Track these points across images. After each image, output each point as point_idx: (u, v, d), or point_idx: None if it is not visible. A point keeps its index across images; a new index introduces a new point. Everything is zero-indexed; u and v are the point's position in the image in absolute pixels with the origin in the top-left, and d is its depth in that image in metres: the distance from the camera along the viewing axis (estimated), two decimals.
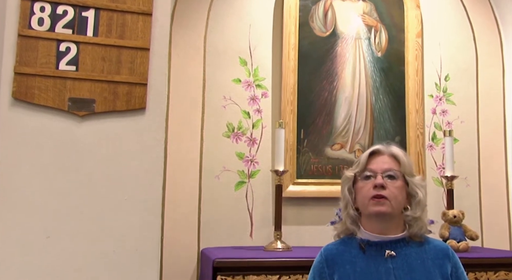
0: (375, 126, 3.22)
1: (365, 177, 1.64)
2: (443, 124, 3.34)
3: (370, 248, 1.62)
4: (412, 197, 1.65)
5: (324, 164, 3.12)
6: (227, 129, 3.04)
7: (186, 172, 2.93)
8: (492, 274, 2.55)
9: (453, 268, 1.61)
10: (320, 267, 1.64)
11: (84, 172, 2.10)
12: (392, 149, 1.68)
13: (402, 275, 1.56)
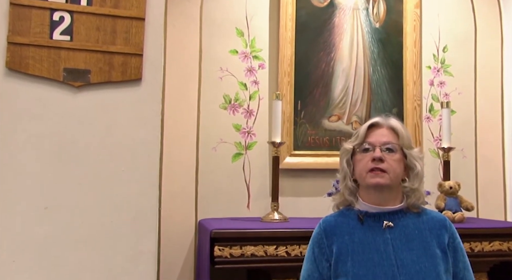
0: (372, 97, 3.21)
1: (363, 150, 1.64)
2: (441, 95, 3.33)
3: (368, 219, 1.63)
4: (410, 169, 1.65)
5: (321, 135, 3.12)
6: (224, 100, 3.02)
7: (183, 144, 2.92)
8: (487, 244, 2.58)
9: (450, 238, 1.63)
10: (319, 238, 1.65)
11: (81, 143, 2.09)
12: (391, 121, 1.68)
13: (400, 245, 1.58)
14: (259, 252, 2.38)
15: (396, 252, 1.57)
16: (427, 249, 1.58)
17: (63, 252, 2.05)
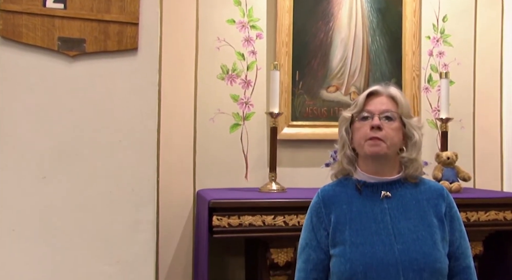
0: (371, 68, 3.18)
1: (362, 118, 1.63)
2: (440, 66, 3.31)
3: (366, 189, 1.63)
4: (409, 139, 1.64)
5: (319, 106, 3.11)
6: (222, 71, 3.00)
7: (181, 115, 2.91)
8: (483, 213, 2.61)
9: (447, 207, 1.63)
10: (317, 207, 1.65)
11: (77, 113, 2.08)
12: (390, 90, 1.66)
13: (397, 215, 1.58)
14: (257, 222, 2.39)
15: (393, 221, 1.57)
16: (424, 218, 1.58)
17: (62, 221, 2.06)
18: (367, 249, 1.53)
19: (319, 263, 1.60)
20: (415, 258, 1.51)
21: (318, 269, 1.60)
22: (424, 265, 1.51)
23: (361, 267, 1.51)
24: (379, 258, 1.51)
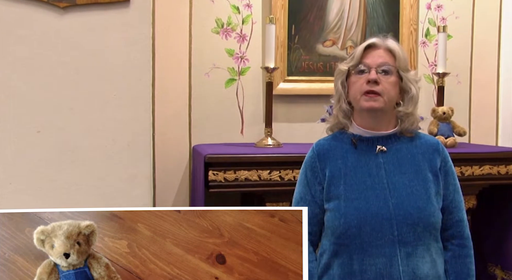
0: (368, 22, 3.13)
1: (359, 71, 1.60)
2: (437, 19, 3.25)
3: (361, 143, 1.63)
4: (405, 93, 1.63)
5: (315, 61, 3.07)
6: (216, 24, 2.94)
7: (175, 69, 2.87)
8: (477, 168, 2.62)
9: (442, 162, 1.63)
10: (312, 161, 1.65)
11: (70, 67, 2.05)
12: (388, 42, 1.63)
13: (392, 169, 1.59)
14: (253, 176, 2.41)
15: (388, 175, 1.58)
16: (419, 173, 1.59)
17: (58, 175, 2.07)
18: (361, 204, 1.54)
19: (313, 217, 1.62)
20: (409, 213, 1.53)
21: (312, 223, 1.61)
22: (418, 220, 1.53)
23: (356, 222, 1.53)
24: (373, 212, 1.53)
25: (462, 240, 1.63)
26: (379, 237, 1.52)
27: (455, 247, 1.62)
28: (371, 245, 1.52)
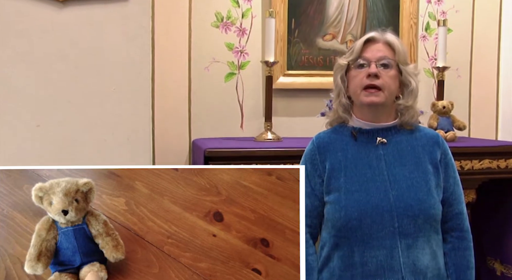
0: (368, 15, 3.12)
1: (358, 65, 1.61)
2: (438, 13, 3.24)
3: (361, 135, 1.63)
4: (405, 86, 1.63)
5: (315, 55, 3.07)
6: (216, 18, 2.94)
7: (175, 63, 2.87)
8: (477, 162, 2.62)
9: (442, 154, 1.64)
10: (312, 154, 1.66)
11: (69, 61, 2.05)
12: (387, 36, 1.63)
13: (393, 161, 1.59)
14: None
15: (388, 167, 1.58)
16: (419, 165, 1.59)
17: None
18: (362, 196, 1.55)
19: (313, 209, 1.62)
20: (409, 205, 1.53)
21: (312, 216, 1.62)
22: (418, 211, 1.53)
23: (356, 214, 1.53)
24: (374, 204, 1.53)
25: (461, 233, 1.63)
26: (379, 229, 1.52)
27: (455, 239, 1.62)
28: (372, 237, 1.52)
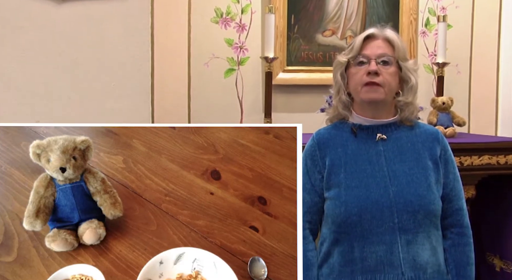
0: (367, 11, 3.12)
1: (358, 62, 1.60)
2: (438, 9, 3.24)
3: (361, 131, 1.63)
4: (405, 82, 1.63)
5: (315, 51, 3.07)
6: (215, 14, 2.93)
7: (174, 59, 2.87)
8: (476, 158, 2.62)
9: (442, 150, 1.64)
10: (312, 150, 1.65)
11: (68, 57, 2.05)
12: (386, 32, 1.63)
13: (392, 157, 1.59)
14: None
15: (388, 163, 1.58)
16: (419, 161, 1.59)
17: None
18: (362, 192, 1.55)
19: (313, 205, 1.62)
20: (409, 200, 1.53)
21: (312, 212, 1.62)
22: (418, 207, 1.53)
23: (356, 210, 1.53)
24: (374, 200, 1.53)
25: (461, 229, 1.63)
26: (379, 225, 1.52)
27: (455, 235, 1.62)
28: (372, 233, 1.52)
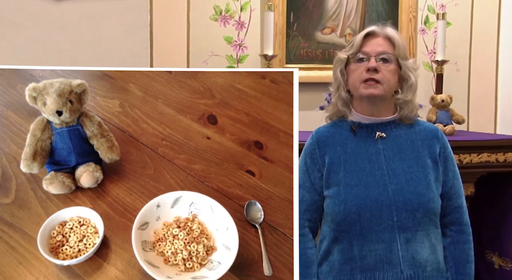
0: (366, 9, 3.12)
1: (358, 59, 1.61)
2: (437, 7, 3.24)
3: (361, 130, 1.63)
4: (404, 81, 1.63)
5: (314, 48, 3.06)
6: (215, 11, 2.93)
7: (173, 57, 2.86)
8: (475, 155, 2.62)
9: (442, 148, 1.64)
10: (312, 149, 1.66)
11: (68, 54, 2.04)
12: (387, 30, 1.63)
13: (392, 155, 1.59)
14: None
15: (387, 161, 1.58)
16: (418, 159, 1.59)
17: None
18: (361, 190, 1.55)
19: (313, 204, 1.62)
20: (408, 199, 1.53)
21: (312, 210, 1.63)
22: (417, 206, 1.53)
23: (355, 208, 1.53)
24: (373, 198, 1.53)
25: (461, 226, 1.64)
26: (378, 223, 1.52)
27: (454, 233, 1.63)
28: (371, 231, 1.52)
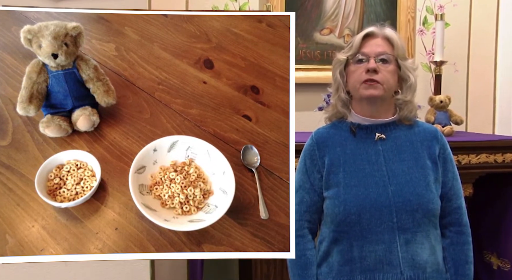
0: (365, 9, 3.11)
1: (357, 60, 1.60)
2: (435, 7, 3.24)
3: (360, 131, 1.62)
4: (404, 81, 1.63)
5: (312, 49, 3.06)
6: None
7: None
8: (474, 156, 2.62)
9: (441, 149, 1.64)
10: (311, 150, 1.65)
11: None
12: (386, 31, 1.63)
13: (391, 156, 1.59)
14: None
15: (387, 163, 1.58)
16: (417, 160, 1.59)
17: None
18: (361, 191, 1.54)
19: (313, 205, 1.62)
20: (408, 200, 1.53)
21: (312, 211, 1.63)
22: (417, 206, 1.53)
23: (355, 209, 1.53)
24: (372, 199, 1.53)
25: (460, 227, 1.64)
26: (378, 224, 1.52)
27: (453, 234, 1.63)
28: (371, 232, 1.52)
